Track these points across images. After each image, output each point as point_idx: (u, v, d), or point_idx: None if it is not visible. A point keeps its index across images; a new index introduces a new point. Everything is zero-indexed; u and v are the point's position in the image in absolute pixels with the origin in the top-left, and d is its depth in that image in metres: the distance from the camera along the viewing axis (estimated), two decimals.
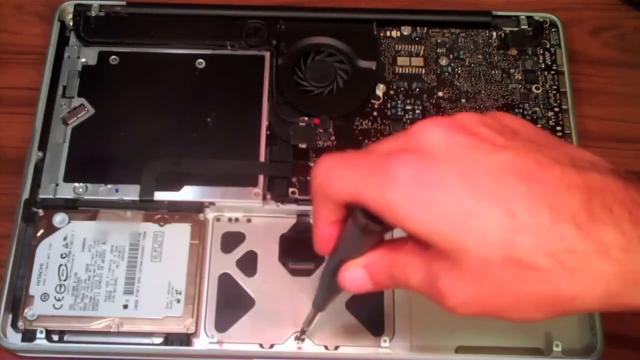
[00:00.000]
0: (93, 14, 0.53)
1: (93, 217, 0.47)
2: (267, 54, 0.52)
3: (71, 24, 0.53)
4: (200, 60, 0.52)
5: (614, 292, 0.28)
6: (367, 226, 0.30)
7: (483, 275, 0.28)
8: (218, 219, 0.48)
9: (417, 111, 0.51)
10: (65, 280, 0.45)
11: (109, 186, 0.47)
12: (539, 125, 0.51)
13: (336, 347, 0.45)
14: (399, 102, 0.51)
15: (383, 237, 0.32)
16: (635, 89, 0.54)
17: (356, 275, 0.32)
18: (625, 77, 0.55)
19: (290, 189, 0.48)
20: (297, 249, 0.47)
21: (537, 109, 0.51)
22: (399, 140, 0.30)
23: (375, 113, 0.51)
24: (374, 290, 0.33)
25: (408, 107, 0.51)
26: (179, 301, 0.45)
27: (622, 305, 0.28)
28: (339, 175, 0.30)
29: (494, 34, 0.54)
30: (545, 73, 0.52)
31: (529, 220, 0.27)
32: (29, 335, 0.44)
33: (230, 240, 0.47)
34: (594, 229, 0.27)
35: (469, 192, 0.28)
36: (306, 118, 0.50)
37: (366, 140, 0.50)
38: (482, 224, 0.27)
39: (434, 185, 0.28)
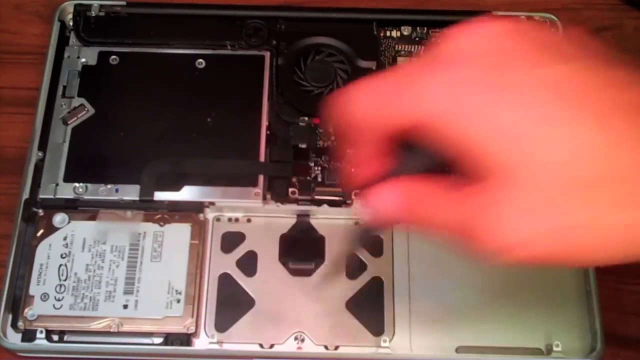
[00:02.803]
0: (93, 14, 0.53)
1: (93, 217, 0.47)
2: (267, 54, 0.52)
3: (71, 24, 0.53)
4: (200, 60, 0.52)
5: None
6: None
7: (539, 206, 0.24)
8: (218, 219, 0.48)
9: None
10: (65, 280, 0.45)
11: (109, 186, 0.47)
12: None
13: (336, 347, 0.45)
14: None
15: None
16: None
17: (389, 196, 0.28)
18: None
19: (290, 189, 0.48)
20: (297, 249, 0.47)
21: None
22: (431, 51, 0.26)
23: None
24: (391, 222, 0.30)
25: None
26: (179, 301, 0.45)
27: None
28: (363, 106, 0.26)
29: None
30: None
31: (592, 146, 0.23)
32: (29, 335, 0.44)
33: (230, 240, 0.47)
34: None
35: (515, 106, 0.24)
36: (306, 118, 0.50)
37: None
38: (540, 145, 0.24)
39: (481, 91, 0.24)
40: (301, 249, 0.47)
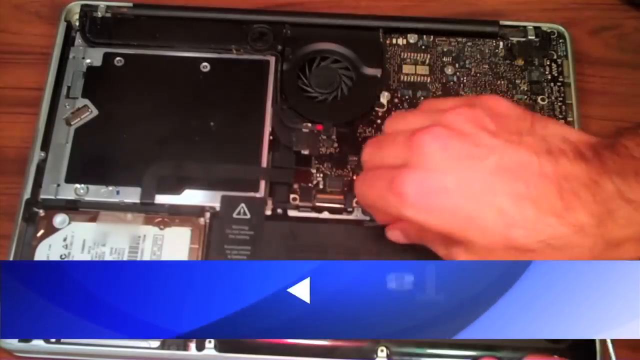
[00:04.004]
0: (99, 14, 0.53)
1: (93, 219, 0.47)
2: (272, 59, 0.52)
3: (77, 24, 0.53)
4: (205, 63, 0.52)
5: (599, 253, 0.35)
6: None
7: (490, 257, 0.36)
8: None
9: None
10: None
11: (110, 188, 0.47)
12: None
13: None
14: (404, 110, 0.51)
15: None
16: (636, 89, 0.54)
17: (394, 234, 0.42)
18: (626, 77, 0.55)
19: (292, 196, 0.48)
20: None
21: None
22: (405, 151, 0.37)
23: (379, 121, 0.51)
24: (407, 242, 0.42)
25: None
26: None
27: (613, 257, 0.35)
28: (369, 198, 0.40)
29: (501, 44, 0.54)
30: (552, 84, 0.52)
31: (518, 216, 0.35)
32: None
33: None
34: (569, 214, 0.34)
35: (468, 198, 0.35)
36: (309, 124, 0.50)
37: None
38: (482, 222, 0.35)
39: (439, 195, 0.36)
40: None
